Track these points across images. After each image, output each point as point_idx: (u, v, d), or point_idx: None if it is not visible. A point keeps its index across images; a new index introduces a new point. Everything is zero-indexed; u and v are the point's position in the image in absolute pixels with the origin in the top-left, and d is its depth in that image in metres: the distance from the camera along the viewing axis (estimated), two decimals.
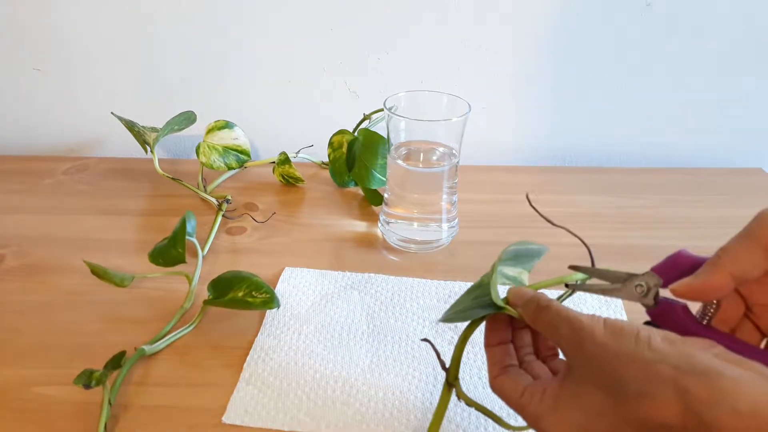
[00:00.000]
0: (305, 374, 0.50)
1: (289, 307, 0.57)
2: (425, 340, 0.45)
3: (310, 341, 0.54)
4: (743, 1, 0.78)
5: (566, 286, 0.42)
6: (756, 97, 0.85)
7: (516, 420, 0.42)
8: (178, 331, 0.54)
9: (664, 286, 0.36)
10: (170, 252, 0.57)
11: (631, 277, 0.38)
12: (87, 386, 0.46)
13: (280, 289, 0.59)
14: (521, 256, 0.46)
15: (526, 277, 0.46)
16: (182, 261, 0.57)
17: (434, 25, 0.80)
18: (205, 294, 0.57)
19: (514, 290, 0.40)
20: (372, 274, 0.62)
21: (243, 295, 0.55)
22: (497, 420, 0.41)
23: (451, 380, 0.42)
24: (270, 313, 0.56)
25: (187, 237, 0.58)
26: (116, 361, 0.49)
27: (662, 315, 0.37)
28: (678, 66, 0.83)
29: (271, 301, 0.54)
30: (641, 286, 0.37)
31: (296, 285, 0.60)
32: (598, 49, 0.81)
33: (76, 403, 0.48)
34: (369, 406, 0.48)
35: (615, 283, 0.39)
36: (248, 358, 0.52)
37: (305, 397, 0.48)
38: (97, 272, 0.56)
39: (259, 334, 0.54)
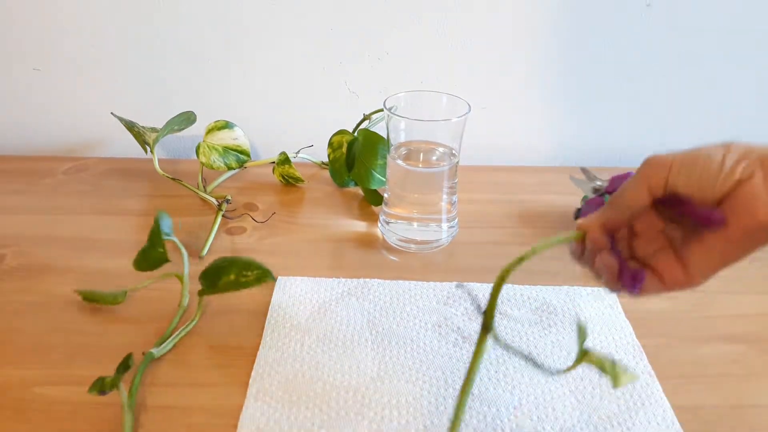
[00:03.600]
0: (314, 386, 0.49)
1: (288, 317, 0.56)
2: (459, 285, 0.42)
3: (314, 352, 0.53)
4: (743, 1, 0.78)
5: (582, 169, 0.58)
6: (756, 97, 0.85)
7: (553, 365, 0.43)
8: (180, 330, 0.54)
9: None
10: (151, 254, 0.56)
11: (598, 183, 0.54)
12: (102, 392, 0.46)
13: (275, 300, 0.59)
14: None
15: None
16: (165, 260, 0.56)
17: (434, 25, 0.80)
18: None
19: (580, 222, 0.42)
20: (368, 280, 0.61)
21: (235, 277, 0.53)
22: (537, 365, 0.40)
23: (488, 324, 0.40)
24: (269, 325, 0.55)
25: (165, 237, 0.57)
26: (125, 364, 0.48)
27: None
28: (678, 66, 0.83)
29: (264, 275, 0.52)
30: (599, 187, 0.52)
31: (292, 294, 0.59)
32: (598, 49, 0.81)
33: (76, 403, 0.48)
34: (384, 415, 0.47)
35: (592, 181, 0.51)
36: (253, 374, 0.50)
37: (317, 409, 0.47)
38: (88, 297, 0.57)
39: (260, 347, 0.53)
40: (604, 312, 0.58)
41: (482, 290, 0.60)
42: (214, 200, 0.73)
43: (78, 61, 0.83)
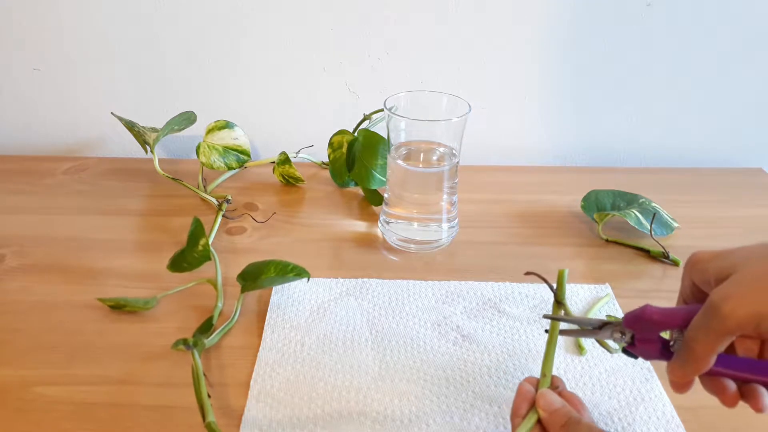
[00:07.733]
0: (316, 386, 0.49)
1: (287, 318, 0.57)
2: (531, 273, 0.45)
3: (315, 352, 0.53)
4: (743, 2, 0.78)
5: (545, 316, 0.44)
6: (756, 97, 0.85)
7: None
8: (225, 324, 0.55)
9: (635, 337, 0.40)
10: (192, 253, 0.58)
11: (606, 325, 0.41)
12: (188, 346, 0.47)
13: (275, 300, 0.59)
14: None
15: None
16: (208, 258, 0.59)
17: (434, 25, 0.80)
18: (230, 293, 0.59)
19: (543, 394, 0.41)
20: (365, 279, 0.62)
21: (275, 274, 0.56)
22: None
23: (560, 299, 0.44)
24: (269, 326, 0.56)
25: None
26: (208, 323, 0.51)
27: (640, 349, 0.40)
28: (678, 66, 0.83)
29: (302, 271, 0.57)
30: (619, 333, 0.40)
31: (290, 295, 0.60)
32: (598, 49, 0.81)
33: (76, 403, 0.48)
34: (386, 414, 0.47)
35: (590, 328, 0.42)
36: (254, 375, 0.50)
37: (319, 410, 0.47)
38: (119, 305, 0.57)
39: (260, 348, 0.53)
40: (601, 309, 0.58)
41: (482, 289, 0.60)
42: (214, 200, 0.73)
43: (78, 61, 0.83)
